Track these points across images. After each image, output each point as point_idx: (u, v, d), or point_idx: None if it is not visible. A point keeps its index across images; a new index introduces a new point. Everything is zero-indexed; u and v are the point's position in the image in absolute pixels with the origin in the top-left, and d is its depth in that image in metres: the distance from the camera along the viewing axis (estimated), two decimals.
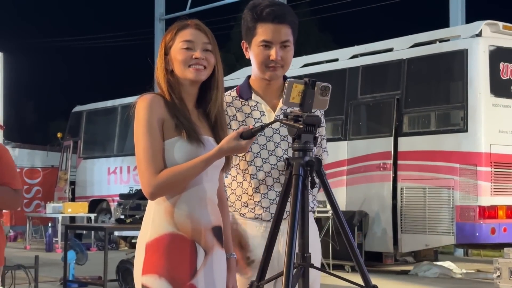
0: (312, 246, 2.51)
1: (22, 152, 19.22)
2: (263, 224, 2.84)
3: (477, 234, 9.82)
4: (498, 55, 10.14)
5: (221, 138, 2.55)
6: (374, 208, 10.86)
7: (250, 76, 2.98)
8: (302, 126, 2.43)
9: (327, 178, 2.54)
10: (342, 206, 10.97)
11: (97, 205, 17.03)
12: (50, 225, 15.06)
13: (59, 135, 18.49)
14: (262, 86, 2.92)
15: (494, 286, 8.42)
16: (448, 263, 10.87)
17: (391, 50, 11.37)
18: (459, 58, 10.21)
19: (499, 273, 8.32)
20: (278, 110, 2.89)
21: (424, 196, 10.35)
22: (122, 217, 9.44)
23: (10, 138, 19.11)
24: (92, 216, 15.50)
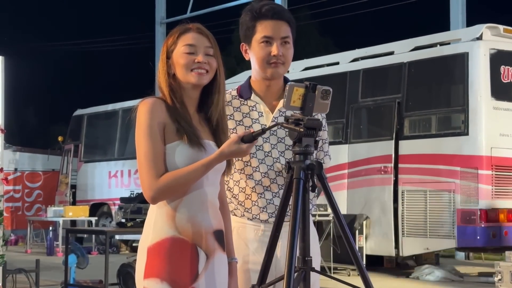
0: (311, 250, 2.51)
1: (23, 155, 19.19)
2: (261, 226, 2.84)
3: (478, 237, 9.81)
4: (499, 59, 10.13)
5: (222, 142, 2.55)
6: (375, 211, 10.85)
7: (251, 76, 2.99)
8: (303, 130, 2.43)
9: (328, 182, 2.54)
10: (343, 210, 10.96)
11: (98, 208, 17.02)
12: (51, 228, 15.05)
13: (60, 139, 18.47)
14: (262, 87, 2.93)
15: None
16: (449, 267, 10.86)
17: (392, 53, 11.37)
18: (460, 61, 10.21)
19: (501, 276, 8.31)
20: (277, 112, 2.90)
21: (425, 199, 10.34)
22: (123, 220, 9.45)
23: (11, 141, 19.07)
24: (93, 219, 15.51)
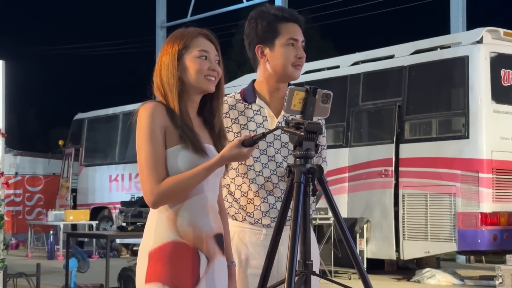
0: (311, 253, 2.51)
1: (23, 159, 19.18)
2: (263, 231, 2.84)
3: (479, 241, 9.80)
4: (499, 62, 10.14)
5: (223, 147, 2.55)
6: (376, 215, 10.84)
7: (255, 80, 2.98)
8: (303, 134, 2.43)
9: (329, 185, 2.54)
10: (344, 213, 10.95)
11: (98, 212, 17.01)
12: (51, 232, 15.03)
13: (61, 143, 18.47)
14: (270, 91, 2.93)
15: None
16: (450, 270, 10.85)
17: (392, 57, 11.37)
18: (460, 64, 10.21)
19: (501, 280, 8.30)
20: (281, 117, 2.89)
21: (425, 203, 10.34)
22: (124, 224, 9.42)
23: (11, 145, 19.06)
24: (93, 223, 15.49)
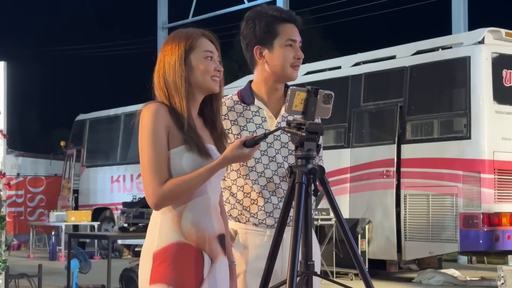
0: (312, 254, 2.51)
1: (25, 160, 19.21)
2: (267, 232, 2.84)
3: (481, 241, 9.79)
4: (501, 62, 10.12)
5: (225, 147, 2.56)
6: (378, 215, 10.84)
7: (251, 81, 2.98)
8: (305, 134, 2.43)
9: (330, 186, 2.54)
10: (345, 214, 10.94)
11: (100, 213, 17.02)
12: (53, 233, 15.04)
13: (62, 144, 18.48)
14: (269, 91, 2.92)
15: None
16: (452, 271, 10.85)
17: (394, 57, 11.36)
18: (462, 65, 10.20)
19: (503, 280, 8.29)
20: (280, 117, 2.89)
21: (427, 203, 10.33)
22: (126, 225, 9.44)
23: (13, 146, 19.08)
24: (95, 224, 15.50)
